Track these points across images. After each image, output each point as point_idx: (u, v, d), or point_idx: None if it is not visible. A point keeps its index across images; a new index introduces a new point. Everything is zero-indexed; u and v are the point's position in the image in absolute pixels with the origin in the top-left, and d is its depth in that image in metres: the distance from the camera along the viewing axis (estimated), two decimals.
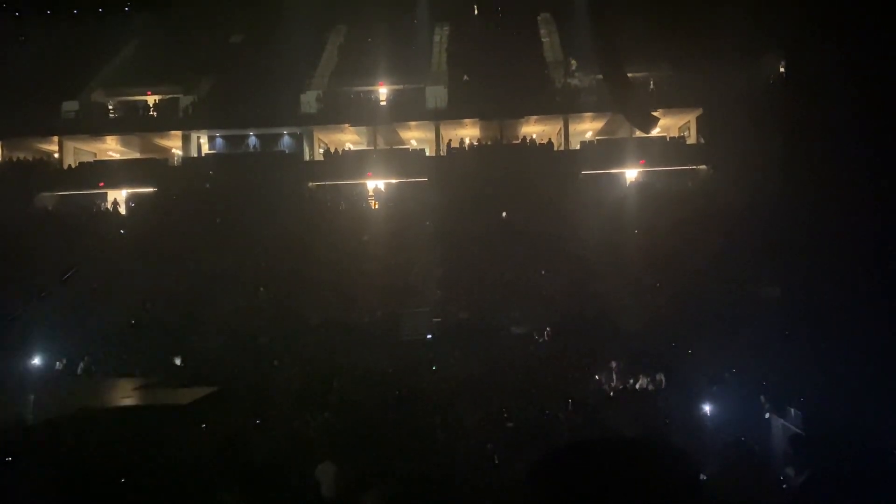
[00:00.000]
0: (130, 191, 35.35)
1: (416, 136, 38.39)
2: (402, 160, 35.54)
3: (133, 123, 37.08)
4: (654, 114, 30.79)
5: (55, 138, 36.94)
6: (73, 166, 36.38)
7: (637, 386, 15.03)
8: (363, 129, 36.78)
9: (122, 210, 33.94)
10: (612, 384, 15.21)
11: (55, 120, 35.77)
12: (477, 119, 35.84)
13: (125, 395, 11.93)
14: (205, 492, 6.75)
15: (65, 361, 18.75)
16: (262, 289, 23.95)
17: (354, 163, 35.31)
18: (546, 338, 19.71)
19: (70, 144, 37.48)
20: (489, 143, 36.27)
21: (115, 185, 35.21)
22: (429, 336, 20.49)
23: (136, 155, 39.28)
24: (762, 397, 12.00)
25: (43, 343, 18.34)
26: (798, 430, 10.20)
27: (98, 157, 39.00)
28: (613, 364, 15.68)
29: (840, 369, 10.66)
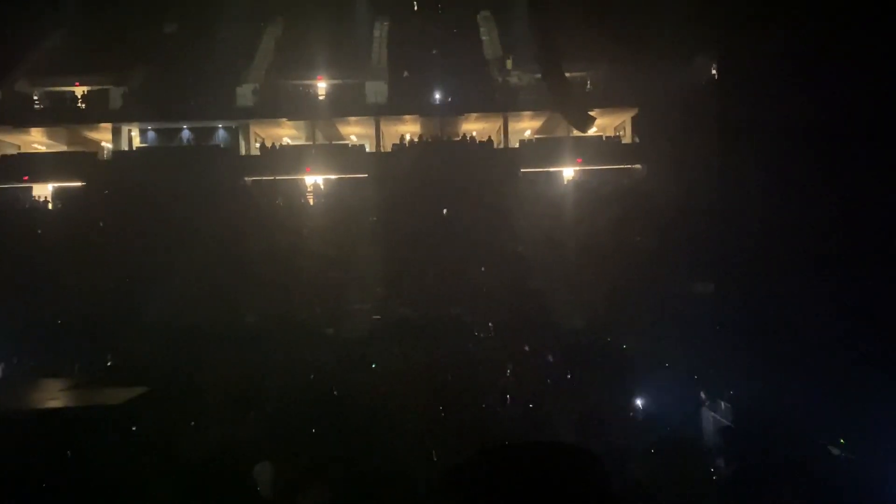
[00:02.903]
0: (57, 185, 34.12)
1: (355, 132, 38.11)
2: (342, 156, 35.29)
3: (60, 115, 35.81)
4: (591, 113, 31.47)
5: None
6: None
7: (572, 380, 15.22)
8: (301, 123, 36.36)
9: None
10: (549, 379, 15.38)
11: None
12: (417, 115, 35.80)
13: (50, 397, 11.47)
14: (135, 495, 6.53)
15: None
16: (196, 286, 23.39)
17: (292, 158, 34.93)
18: (485, 334, 19.81)
19: None
20: (429, 139, 36.26)
21: (41, 179, 33.95)
22: (369, 331, 20.34)
23: (64, 148, 37.90)
24: (694, 391, 12.29)
25: None
26: (728, 423, 10.47)
27: (22, 150, 37.45)
28: (550, 358, 15.87)
29: (770, 363, 11.00)
